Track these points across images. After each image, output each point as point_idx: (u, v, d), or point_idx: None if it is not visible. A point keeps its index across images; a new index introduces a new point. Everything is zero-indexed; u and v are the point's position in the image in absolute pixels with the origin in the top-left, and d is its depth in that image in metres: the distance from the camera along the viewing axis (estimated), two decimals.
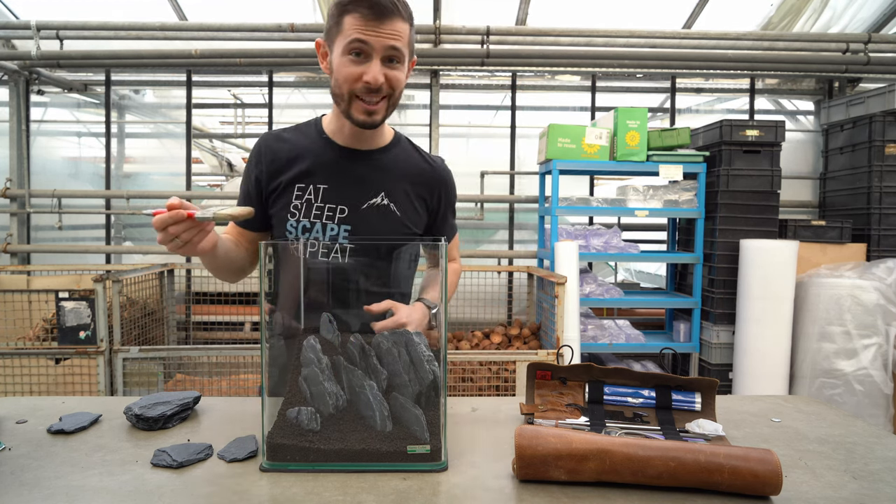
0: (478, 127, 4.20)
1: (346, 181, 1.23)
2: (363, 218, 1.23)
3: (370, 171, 1.25)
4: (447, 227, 1.40)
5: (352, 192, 1.23)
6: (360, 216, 1.23)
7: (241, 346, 2.81)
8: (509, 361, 2.75)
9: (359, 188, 1.24)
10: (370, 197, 1.24)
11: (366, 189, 1.24)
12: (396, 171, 1.28)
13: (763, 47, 3.71)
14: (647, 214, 3.34)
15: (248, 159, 1.28)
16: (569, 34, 3.69)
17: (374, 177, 1.25)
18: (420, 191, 1.30)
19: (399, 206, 1.26)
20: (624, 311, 4.00)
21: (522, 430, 0.84)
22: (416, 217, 1.30)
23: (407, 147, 1.33)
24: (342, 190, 1.23)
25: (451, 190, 1.37)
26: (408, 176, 1.29)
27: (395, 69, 1.13)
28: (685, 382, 1.06)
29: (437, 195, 1.33)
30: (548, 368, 1.10)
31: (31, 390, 2.72)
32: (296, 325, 0.95)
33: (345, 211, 1.22)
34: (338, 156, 1.24)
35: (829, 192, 3.84)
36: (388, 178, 1.27)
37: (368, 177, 1.25)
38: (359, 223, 1.22)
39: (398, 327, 1.01)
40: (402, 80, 1.17)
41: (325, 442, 0.86)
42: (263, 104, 4.09)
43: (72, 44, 3.69)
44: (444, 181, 1.34)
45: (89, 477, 0.84)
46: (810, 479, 0.85)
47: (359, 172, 1.25)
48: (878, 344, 3.04)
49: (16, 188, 3.88)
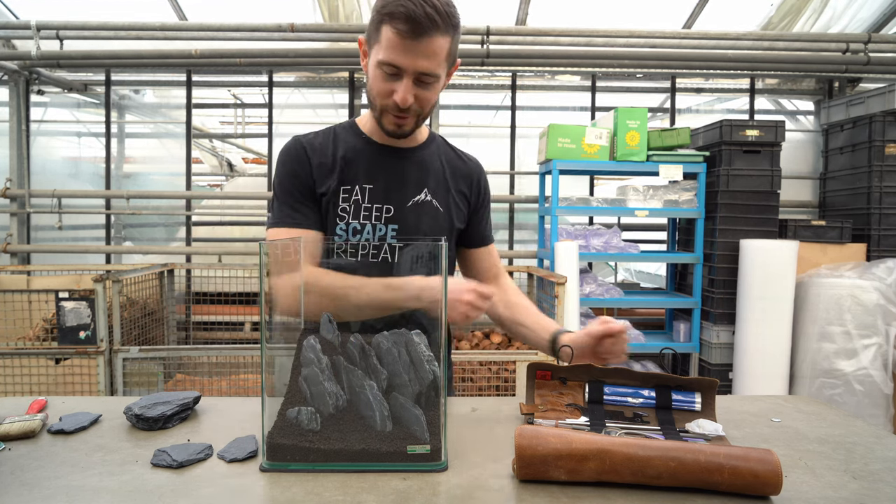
0: (478, 127, 4.20)
1: (389, 180, 1.22)
2: (409, 216, 1.22)
3: (411, 168, 1.25)
4: (488, 227, 1.39)
5: (396, 190, 1.22)
6: (405, 214, 1.22)
7: (241, 346, 2.81)
8: (509, 361, 2.75)
9: (402, 186, 1.23)
10: (414, 194, 1.23)
11: (409, 187, 1.23)
12: (436, 168, 1.27)
13: (763, 47, 3.71)
14: (647, 214, 3.34)
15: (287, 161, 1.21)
16: (569, 34, 3.69)
17: (416, 174, 1.25)
18: (459, 186, 1.30)
19: (441, 201, 1.26)
20: (624, 311, 4.00)
21: (522, 430, 0.84)
22: (458, 213, 1.29)
23: (442, 144, 1.33)
24: (387, 189, 1.22)
25: (487, 187, 1.37)
26: (446, 172, 1.29)
27: (426, 88, 1.12)
28: (685, 382, 1.06)
29: (474, 191, 1.33)
30: (548, 368, 1.10)
31: (31, 390, 2.72)
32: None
33: (391, 210, 1.21)
34: (379, 154, 1.24)
35: (829, 192, 3.84)
36: (429, 174, 1.26)
37: (410, 174, 1.24)
38: (405, 221, 1.21)
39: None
40: (434, 98, 1.15)
41: (325, 442, 0.86)
42: (263, 104, 4.09)
43: (72, 44, 3.69)
44: (480, 177, 1.35)
45: (89, 477, 0.84)
46: (810, 479, 0.85)
47: (401, 170, 1.24)
48: (878, 344, 3.04)
49: (16, 188, 3.88)
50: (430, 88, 1.12)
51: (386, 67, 1.08)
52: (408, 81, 1.09)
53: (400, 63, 1.07)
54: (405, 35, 1.04)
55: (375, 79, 1.11)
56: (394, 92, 1.10)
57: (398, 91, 1.10)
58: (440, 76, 1.12)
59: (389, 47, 1.06)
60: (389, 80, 1.10)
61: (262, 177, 4.52)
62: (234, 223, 4.22)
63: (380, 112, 1.15)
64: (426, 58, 1.07)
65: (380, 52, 1.08)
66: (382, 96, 1.12)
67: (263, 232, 4.07)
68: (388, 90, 1.11)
